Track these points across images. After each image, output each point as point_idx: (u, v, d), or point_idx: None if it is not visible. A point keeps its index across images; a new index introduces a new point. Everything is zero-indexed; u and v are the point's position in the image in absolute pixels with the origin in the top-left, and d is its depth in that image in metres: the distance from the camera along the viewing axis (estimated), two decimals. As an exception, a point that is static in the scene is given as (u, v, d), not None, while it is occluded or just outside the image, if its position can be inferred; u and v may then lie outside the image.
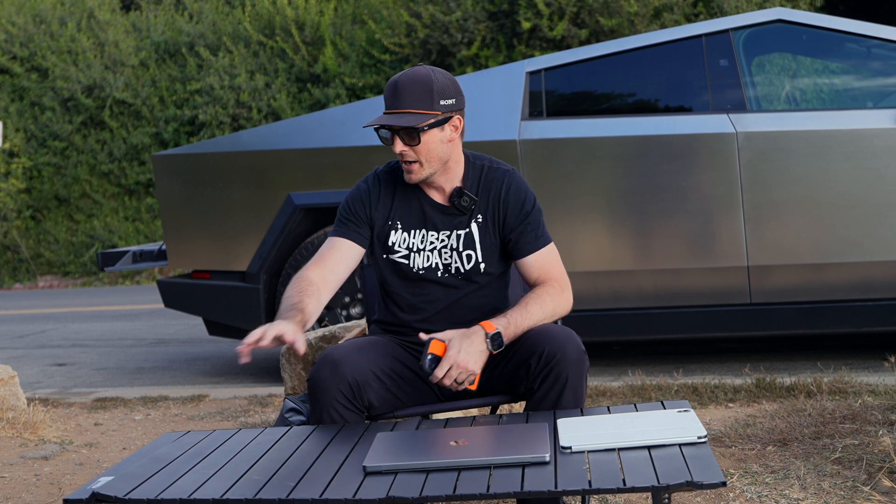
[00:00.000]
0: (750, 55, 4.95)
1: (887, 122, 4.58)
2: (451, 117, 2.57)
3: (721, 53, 4.83)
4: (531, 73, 4.97)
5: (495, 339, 2.42)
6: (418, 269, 2.63)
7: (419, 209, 2.64)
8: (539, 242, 2.62)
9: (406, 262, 2.64)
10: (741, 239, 4.64)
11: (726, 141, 4.66)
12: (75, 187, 14.05)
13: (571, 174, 4.78)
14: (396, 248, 2.64)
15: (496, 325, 2.43)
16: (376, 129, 2.57)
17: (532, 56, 11.32)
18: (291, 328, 2.35)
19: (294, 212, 5.04)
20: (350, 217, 2.66)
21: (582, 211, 4.82)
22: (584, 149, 4.82)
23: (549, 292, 2.57)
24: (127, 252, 5.75)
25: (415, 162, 2.56)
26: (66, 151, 14.15)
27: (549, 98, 4.95)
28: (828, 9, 12.19)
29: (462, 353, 2.38)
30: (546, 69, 4.98)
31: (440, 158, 2.58)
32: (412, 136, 2.53)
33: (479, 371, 2.40)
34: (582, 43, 11.40)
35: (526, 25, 11.38)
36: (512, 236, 2.62)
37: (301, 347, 2.33)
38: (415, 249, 2.63)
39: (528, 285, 2.66)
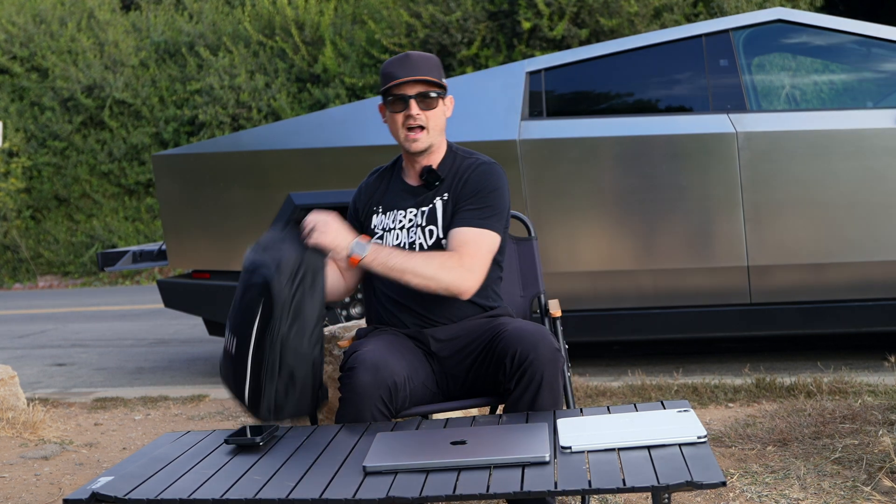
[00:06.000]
0: (750, 55, 4.94)
1: (887, 122, 4.58)
2: (447, 95, 2.72)
3: (721, 53, 4.83)
4: (531, 73, 4.97)
5: (356, 246, 2.52)
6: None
7: (393, 191, 2.75)
8: (474, 222, 2.61)
9: (380, 242, 2.68)
10: (741, 239, 4.64)
11: (726, 141, 4.66)
12: (75, 187, 14.04)
13: (571, 174, 4.78)
14: (376, 230, 2.72)
15: (367, 239, 2.56)
16: (388, 96, 2.65)
17: (532, 56, 11.31)
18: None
19: (294, 212, 5.04)
20: (350, 219, 2.81)
21: (582, 211, 4.82)
22: (584, 149, 4.81)
23: (442, 255, 2.56)
24: (127, 252, 5.75)
25: (423, 128, 2.65)
26: (66, 151, 14.14)
27: (549, 98, 4.95)
28: (828, 9, 12.18)
29: (329, 226, 2.52)
30: (546, 69, 4.98)
31: (441, 129, 2.70)
32: (429, 101, 2.65)
33: (326, 241, 2.50)
34: (582, 43, 11.39)
35: (526, 25, 11.38)
36: (457, 208, 2.64)
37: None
38: (388, 229, 2.70)
39: None
